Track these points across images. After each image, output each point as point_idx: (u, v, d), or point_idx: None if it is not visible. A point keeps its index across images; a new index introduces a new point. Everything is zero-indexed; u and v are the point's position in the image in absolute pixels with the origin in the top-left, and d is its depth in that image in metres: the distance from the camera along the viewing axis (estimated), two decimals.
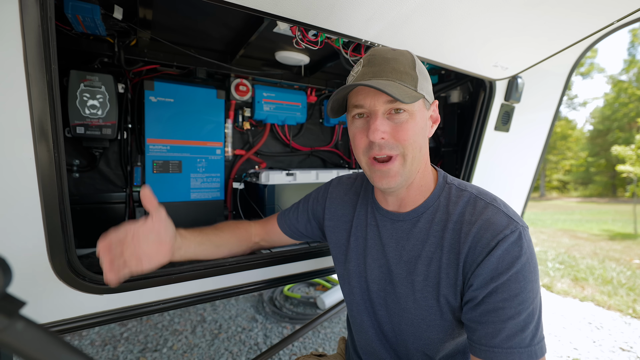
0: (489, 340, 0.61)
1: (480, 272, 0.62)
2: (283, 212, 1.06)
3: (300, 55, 1.66)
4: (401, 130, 0.67)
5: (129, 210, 1.58)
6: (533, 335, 0.60)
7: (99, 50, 1.42)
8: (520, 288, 0.60)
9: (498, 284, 0.61)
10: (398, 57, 0.69)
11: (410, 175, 0.71)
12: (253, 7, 0.87)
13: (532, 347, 0.59)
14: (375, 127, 0.66)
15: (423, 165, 0.74)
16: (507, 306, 0.60)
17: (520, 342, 0.59)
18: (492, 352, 0.60)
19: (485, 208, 0.67)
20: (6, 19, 0.66)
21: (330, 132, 2.25)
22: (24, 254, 0.79)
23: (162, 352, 2.05)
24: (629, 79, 22.03)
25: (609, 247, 6.05)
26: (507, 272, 0.60)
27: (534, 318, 0.61)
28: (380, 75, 0.67)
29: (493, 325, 0.61)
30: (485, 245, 0.63)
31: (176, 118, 1.56)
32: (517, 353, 0.59)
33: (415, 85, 0.67)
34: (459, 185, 0.75)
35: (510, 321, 0.60)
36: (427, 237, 0.72)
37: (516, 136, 1.86)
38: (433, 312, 0.70)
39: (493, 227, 0.63)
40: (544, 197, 25.13)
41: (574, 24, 1.13)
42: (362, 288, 0.83)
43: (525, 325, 0.60)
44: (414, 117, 0.68)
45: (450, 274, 0.67)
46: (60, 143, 0.76)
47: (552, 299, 3.25)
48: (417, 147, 0.69)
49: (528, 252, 0.62)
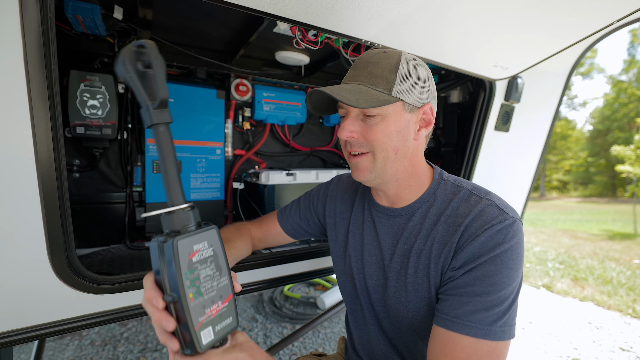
0: (451, 310, 0.62)
1: (462, 255, 0.64)
2: (282, 210, 1.05)
3: (300, 55, 1.66)
4: (370, 131, 0.70)
5: (129, 210, 1.58)
6: (497, 318, 0.60)
7: (99, 50, 1.42)
8: (495, 271, 0.61)
9: (474, 265, 0.62)
10: (381, 60, 0.70)
11: (383, 173, 0.73)
12: (253, 7, 0.87)
13: (492, 327, 0.59)
14: (343, 127, 0.72)
15: (407, 166, 0.75)
16: (477, 284, 0.61)
17: (481, 319, 0.59)
18: (451, 321, 0.61)
19: (479, 202, 0.68)
20: (6, 19, 0.66)
21: (330, 132, 2.25)
22: (24, 254, 0.79)
23: (162, 352, 2.05)
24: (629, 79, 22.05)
25: (608, 247, 6.06)
26: (486, 255, 0.62)
27: (504, 303, 0.61)
28: (355, 79, 0.71)
29: (459, 297, 0.62)
30: (472, 234, 0.64)
31: (176, 118, 1.55)
32: (475, 328, 0.59)
33: (389, 89, 0.68)
34: (455, 181, 0.76)
35: (476, 298, 0.60)
36: (420, 230, 0.73)
37: (516, 136, 1.86)
38: (426, 303, 0.71)
39: (483, 218, 0.65)
40: (544, 197, 25.14)
41: (574, 24, 1.13)
42: (360, 284, 0.84)
43: (491, 306, 0.60)
44: (386, 120, 0.70)
45: (439, 264, 0.68)
46: (60, 143, 0.76)
47: (552, 299, 3.25)
48: (390, 148, 0.70)
49: (513, 242, 0.62)
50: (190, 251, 0.47)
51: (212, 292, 0.50)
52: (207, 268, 0.50)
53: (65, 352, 2.00)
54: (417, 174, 0.77)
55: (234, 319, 0.53)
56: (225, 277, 0.53)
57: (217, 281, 0.51)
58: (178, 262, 0.45)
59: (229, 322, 0.52)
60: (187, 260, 0.47)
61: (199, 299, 0.48)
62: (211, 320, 0.49)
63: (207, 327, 0.48)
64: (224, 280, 0.52)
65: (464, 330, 0.59)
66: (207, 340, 0.48)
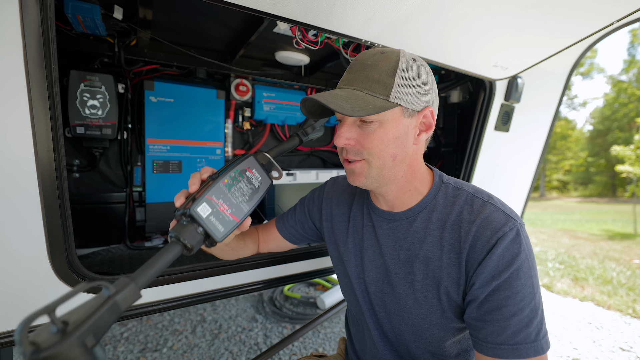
0: (495, 337, 0.61)
1: (482, 271, 0.63)
2: (281, 216, 1.04)
3: (300, 55, 1.66)
4: (367, 138, 0.68)
5: (129, 210, 1.58)
6: (538, 330, 0.61)
7: (99, 50, 1.42)
8: (521, 285, 0.61)
9: (499, 282, 0.61)
10: (378, 62, 0.67)
11: (379, 179, 0.71)
12: (253, 7, 0.87)
13: (538, 341, 0.60)
14: (339, 134, 0.70)
15: (406, 171, 0.73)
16: (510, 303, 0.61)
17: (525, 337, 0.60)
18: (498, 349, 0.61)
19: (483, 206, 0.67)
20: (6, 19, 0.66)
21: (330, 132, 2.25)
22: (24, 254, 0.79)
23: (162, 352, 2.05)
24: (629, 79, 22.05)
25: (608, 247, 6.05)
26: (507, 269, 0.61)
27: (537, 313, 0.61)
28: (351, 84, 0.68)
29: (498, 323, 0.61)
30: (485, 243, 0.63)
31: (176, 118, 1.56)
32: (524, 349, 0.59)
33: (387, 95, 0.65)
34: (455, 184, 0.75)
35: (514, 318, 0.60)
36: (425, 236, 0.72)
37: (516, 136, 1.86)
38: (434, 310, 0.70)
39: (492, 225, 0.64)
40: (544, 197, 25.14)
41: (574, 24, 1.13)
42: (361, 289, 0.83)
43: (530, 321, 0.60)
44: (384, 127, 0.67)
45: (452, 272, 0.67)
46: (60, 143, 0.76)
47: (552, 299, 3.25)
48: (387, 155, 0.68)
49: (526, 249, 0.63)
50: (250, 167, 0.67)
51: (234, 198, 0.62)
52: (245, 187, 0.65)
53: None
54: (416, 178, 0.75)
55: (222, 234, 0.60)
56: (247, 206, 0.64)
57: (242, 199, 0.63)
58: (240, 162, 0.65)
59: (219, 228, 0.59)
60: (244, 168, 0.66)
61: (225, 188, 0.60)
62: (215, 208, 0.58)
63: (208, 206, 0.57)
64: (245, 207, 0.64)
65: (514, 354, 0.59)
66: (201, 210, 0.56)
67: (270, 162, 0.72)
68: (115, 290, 0.42)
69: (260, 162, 0.69)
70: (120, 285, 0.43)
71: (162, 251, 0.52)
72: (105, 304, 0.40)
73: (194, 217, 0.55)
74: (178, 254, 0.53)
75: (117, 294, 0.41)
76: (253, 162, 0.68)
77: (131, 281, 0.44)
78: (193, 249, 0.55)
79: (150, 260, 0.50)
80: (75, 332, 0.35)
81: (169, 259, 0.51)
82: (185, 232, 0.54)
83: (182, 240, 0.53)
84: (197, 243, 0.55)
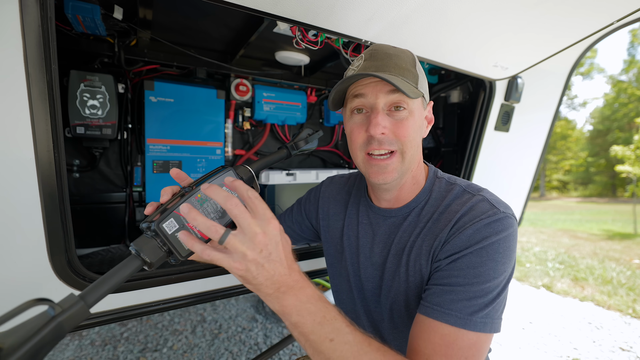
0: (433, 298, 0.62)
1: (447, 247, 0.64)
2: (278, 217, 1.04)
3: (300, 55, 1.66)
4: (401, 126, 0.67)
5: (129, 210, 1.58)
6: (479, 309, 0.58)
7: (99, 50, 1.42)
8: (479, 262, 0.60)
9: (460, 256, 0.62)
10: (399, 53, 0.69)
11: (406, 171, 0.72)
12: (253, 7, 0.87)
13: (473, 317, 0.58)
14: (376, 122, 0.66)
15: (417, 163, 0.75)
16: (461, 274, 0.61)
17: (462, 308, 0.58)
18: (432, 309, 0.60)
19: (471, 198, 0.68)
20: (6, 19, 0.66)
21: (330, 132, 2.25)
22: (24, 254, 0.79)
23: (162, 352, 2.05)
24: (629, 79, 22.05)
25: (608, 247, 6.05)
26: (472, 247, 0.61)
27: (487, 295, 0.59)
28: (383, 70, 0.65)
29: (442, 287, 0.62)
30: (460, 227, 0.64)
31: (176, 118, 1.56)
32: (454, 317, 0.58)
33: (416, 83, 0.68)
34: (449, 179, 0.76)
35: (459, 287, 0.60)
36: (414, 228, 0.73)
37: (516, 136, 1.86)
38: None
39: (473, 213, 0.64)
40: (544, 197, 25.13)
41: (574, 24, 1.13)
42: (357, 287, 0.83)
43: (474, 297, 0.59)
44: (413, 115, 0.69)
45: (429, 258, 0.68)
46: (60, 143, 0.76)
47: (552, 299, 3.25)
48: (415, 144, 0.70)
49: (501, 235, 0.61)
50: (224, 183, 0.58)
51: (205, 214, 0.56)
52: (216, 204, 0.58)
53: (65, 352, 2.00)
54: (420, 171, 0.77)
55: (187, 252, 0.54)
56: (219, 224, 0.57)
57: (215, 216, 0.58)
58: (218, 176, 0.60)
59: (184, 246, 0.54)
60: (222, 182, 0.59)
61: (197, 203, 0.56)
62: (182, 224, 0.54)
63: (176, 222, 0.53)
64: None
65: (444, 318, 0.59)
66: (167, 226, 0.52)
67: (251, 176, 0.67)
68: (61, 309, 0.39)
69: (240, 175, 0.64)
70: (66, 303, 0.40)
71: (120, 265, 0.49)
72: (47, 325, 0.37)
73: (157, 233, 0.52)
74: (137, 269, 0.50)
75: (62, 314, 0.39)
76: (233, 175, 0.62)
77: (80, 300, 0.42)
78: (153, 265, 0.52)
79: (106, 275, 0.47)
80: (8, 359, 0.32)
81: (126, 274, 0.48)
82: (147, 247, 0.51)
83: (142, 256, 0.50)
84: (159, 260, 0.52)
